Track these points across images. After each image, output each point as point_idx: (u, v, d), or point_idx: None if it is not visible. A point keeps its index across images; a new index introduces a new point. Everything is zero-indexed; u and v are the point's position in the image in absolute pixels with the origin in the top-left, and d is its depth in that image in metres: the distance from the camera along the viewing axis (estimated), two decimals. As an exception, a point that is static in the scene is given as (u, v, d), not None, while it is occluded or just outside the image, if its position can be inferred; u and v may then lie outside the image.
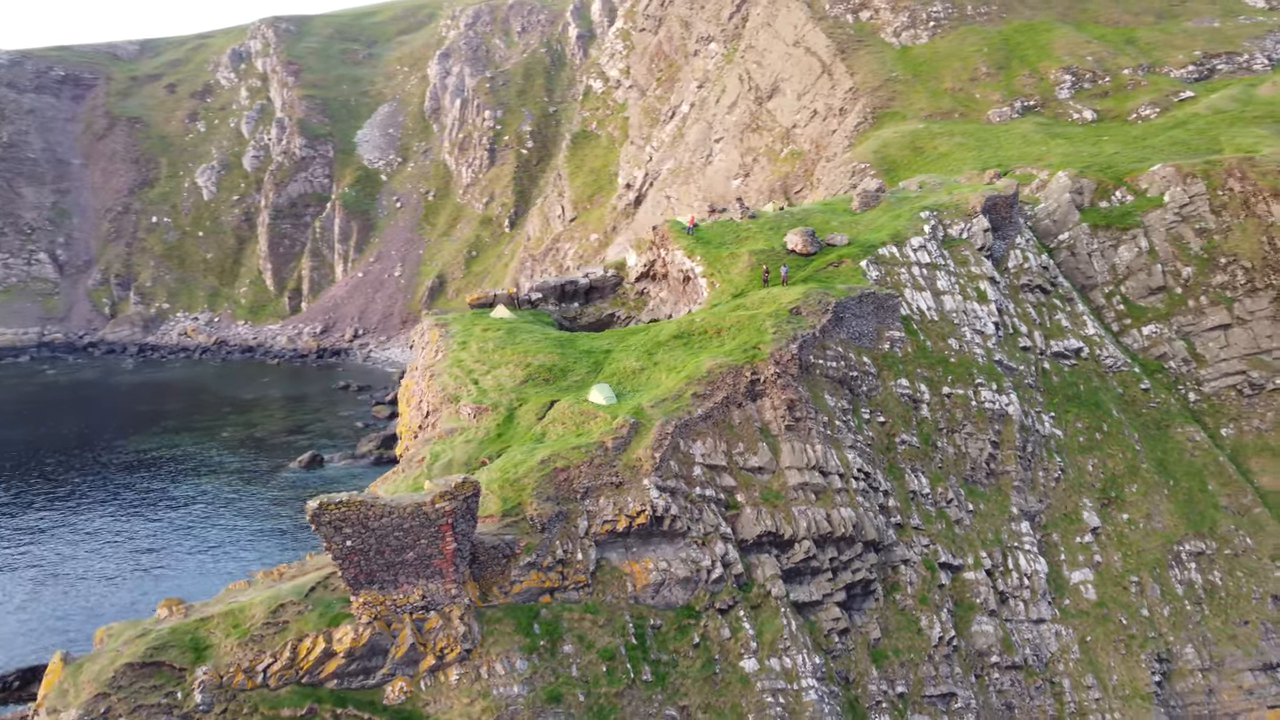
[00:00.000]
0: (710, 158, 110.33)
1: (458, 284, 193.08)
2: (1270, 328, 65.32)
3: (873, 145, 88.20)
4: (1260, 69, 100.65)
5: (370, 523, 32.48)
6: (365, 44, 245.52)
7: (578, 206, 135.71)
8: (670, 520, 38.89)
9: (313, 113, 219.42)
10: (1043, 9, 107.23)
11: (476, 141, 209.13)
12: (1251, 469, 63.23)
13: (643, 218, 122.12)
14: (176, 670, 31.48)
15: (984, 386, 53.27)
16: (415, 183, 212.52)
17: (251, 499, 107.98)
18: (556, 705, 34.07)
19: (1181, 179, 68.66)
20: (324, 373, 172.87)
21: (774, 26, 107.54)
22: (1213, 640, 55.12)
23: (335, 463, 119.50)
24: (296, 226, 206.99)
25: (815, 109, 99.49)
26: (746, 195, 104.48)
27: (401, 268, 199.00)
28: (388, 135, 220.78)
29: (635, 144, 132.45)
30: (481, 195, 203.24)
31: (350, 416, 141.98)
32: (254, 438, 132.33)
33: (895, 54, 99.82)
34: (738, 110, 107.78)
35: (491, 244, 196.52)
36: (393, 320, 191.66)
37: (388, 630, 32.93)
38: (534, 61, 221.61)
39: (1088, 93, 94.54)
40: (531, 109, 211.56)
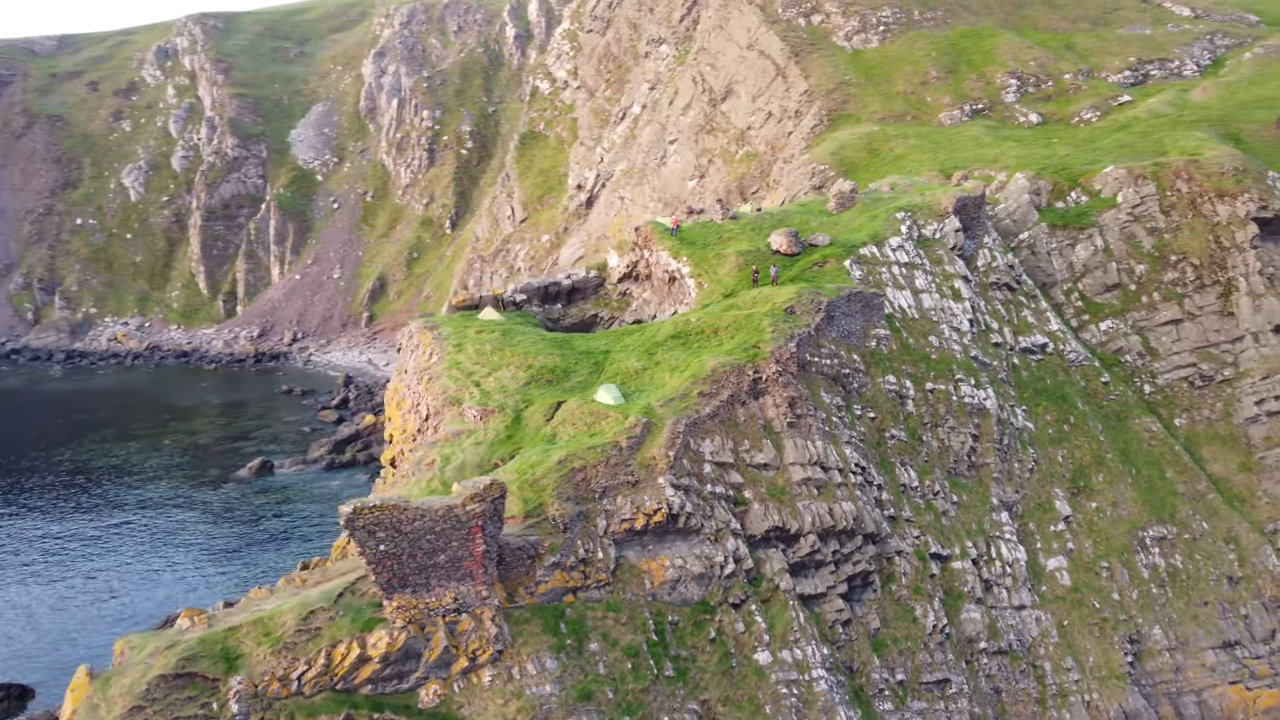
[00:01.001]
0: (665, 159, 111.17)
1: (399, 285, 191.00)
2: (1218, 322, 68.57)
3: (830, 147, 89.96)
4: (1190, 74, 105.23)
5: (403, 526, 32.42)
6: (297, 42, 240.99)
7: (528, 208, 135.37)
8: (685, 518, 39.50)
9: (244, 112, 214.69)
10: (985, 15, 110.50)
11: (415, 142, 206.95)
12: (1204, 457, 66.32)
13: (596, 219, 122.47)
14: (210, 681, 31.02)
15: (963, 382, 55.01)
16: (352, 183, 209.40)
17: (201, 508, 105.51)
18: (588, 703, 34.42)
19: (1133, 180, 71.64)
20: (264, 377, 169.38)
21: (727, 29, 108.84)
22: (1177, 621, 57.76)
23: (286, 469, 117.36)
24: (230, 228, 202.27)
25: (770, 111, 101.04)
26: (703, 196, 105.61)
27: (340, 270, 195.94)
28: (323, 135, 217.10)
29: (585, 145, 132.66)
30: (421, 196, 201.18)
31: (296, 421, 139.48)
32: (197, 445, 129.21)
33: (847, 57, 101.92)
34: (692, 112, 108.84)
35: (433, 245, 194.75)
36: (333, 323, 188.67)
37: (421, 634, 32.90)
38: (471, 61, 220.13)
39: (1032, 96, 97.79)
40: (470, 109, 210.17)
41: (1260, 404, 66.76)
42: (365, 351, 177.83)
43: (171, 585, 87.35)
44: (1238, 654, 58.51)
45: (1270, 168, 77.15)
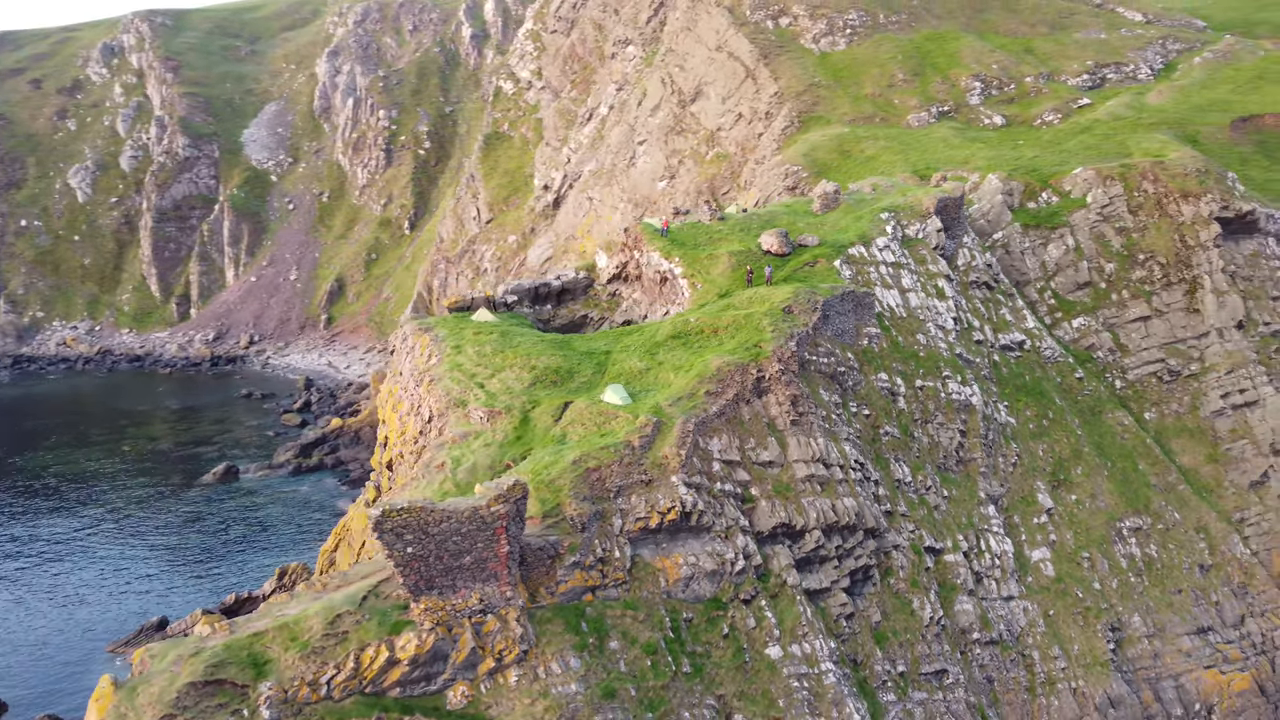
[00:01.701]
0: (634, 160, 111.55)
1: (358, 287, 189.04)
2: (1184, 319, 70.78)
3: (802, 148, 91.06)
4: (1144, 78, 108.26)
5: (430, 528, 32.44)
6: (247, 40, 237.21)
7: (493, 208, 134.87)
8: (698, 516, 39.97)
9: (195, 111, 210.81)
10: (948, 19, 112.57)
11: (371, 142, 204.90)
12: (1173, 449, 68.43)
13: (564, 219, 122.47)
14: (239, 687, 30.77)
15: (950, 379, 56.21)
16: (308, 184, 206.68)
17: (167, 515, 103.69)
18: (612, 701, 34.72)
19: (1101, 181, 73.63)
20: (221, 381, 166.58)
21: (695, 31, 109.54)
22: (1154, 608, 59.57)
23: (251, 474, 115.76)
24: (182, 229, 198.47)
25: (740, 112, 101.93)
26: (673, 197, 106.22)
27: (297, 271, 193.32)
28: (276, 135, 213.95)
29: (551, 146, 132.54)
30: (379, 196, 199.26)
31: (259, 426, 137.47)
32: (158, 451, 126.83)
33: (816, 60, 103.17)
34: (661, 113, 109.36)
35: (392, 246, 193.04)
36: (290, 325, 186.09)
37: (448, 635, 32.94)
38: (428, 61, 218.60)
39: (996, 99, 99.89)
40: (427, 109, 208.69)
41: (1225, 397, 69.05)
42: (325, 354, 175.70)
43: (143, 594, 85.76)
44: (1211, 639, 60.51)
45: (1228, 169, 79.83)
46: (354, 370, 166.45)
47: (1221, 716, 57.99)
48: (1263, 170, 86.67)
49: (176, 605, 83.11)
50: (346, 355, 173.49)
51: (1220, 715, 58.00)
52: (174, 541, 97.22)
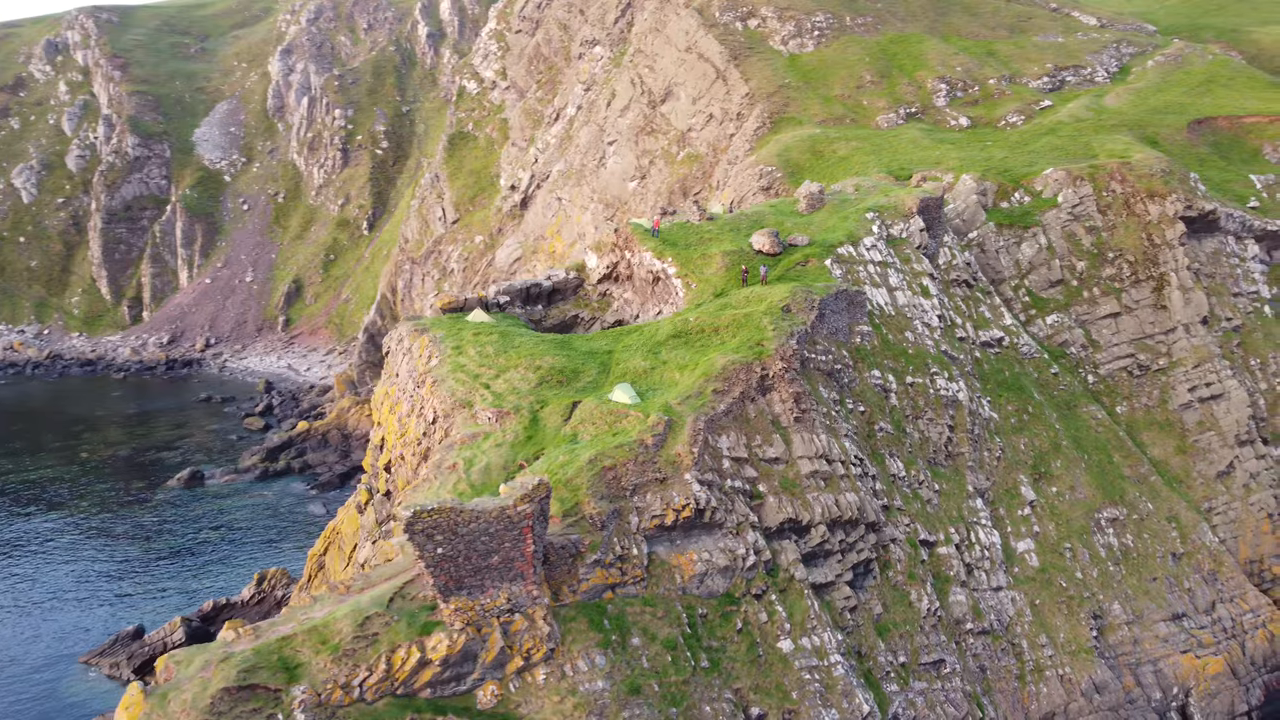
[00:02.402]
0: (604, 160, 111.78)
1: (316, 289, 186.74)
2: (1152, 315, 72.93)
3: (775, 149, 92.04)
4: (1101, 81, 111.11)
5: (459, 529, 32.54)
6: (197, 38, 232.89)
7: (459, 209, 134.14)
8: (711, 512, 40.48)
9: (144, 110, 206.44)
10: (911, 21, 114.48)
11: (328, 141, 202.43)
12: (1144, 441, 70.50)
13: (532, 219, 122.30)
14: (272, 691, 30.61)
15: (938, 375, 57.41)
16: (262, 184, 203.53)
17: (132, 522, 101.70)
18: (637, 697, 35.08)
19: (1072, 181, 75.58)
20: (178, 385, 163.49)
21: (664, 32, 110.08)
22: (1132, 596, 61.39)
23: (217, 479, 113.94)
24: (133, 231, 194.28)
25: (711, 113, 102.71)
26: (644, 197, 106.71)
27: (253, 273, 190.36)
28: (229, 134, 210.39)
29: (517, 146, 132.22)
30: (336, 196, 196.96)
31: (221, 430, 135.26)
32: (118, 457, 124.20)
33: (785, 61, 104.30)
34: (631, 113, 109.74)
35: (350, 247, 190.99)
36: (247, 328, 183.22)
37: (478, 635, 33.06)
38: (384, 60, 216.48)
39: (961, 101, 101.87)
40: (384, 108, 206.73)
41: (1192, 391, 71.31)
42: (284, 356, 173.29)
43: (113, 603, 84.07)
44: (1185, 625, 62.52)
45: (1188, 169, 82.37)
46: (314, 373, 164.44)
47: (1198, 699, 59.97)
48: (1219, 171, 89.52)
49: (150, 613, 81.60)
50: (306, 357, 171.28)
51: (1196, 697, 59.97)
52: (141, 549, 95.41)
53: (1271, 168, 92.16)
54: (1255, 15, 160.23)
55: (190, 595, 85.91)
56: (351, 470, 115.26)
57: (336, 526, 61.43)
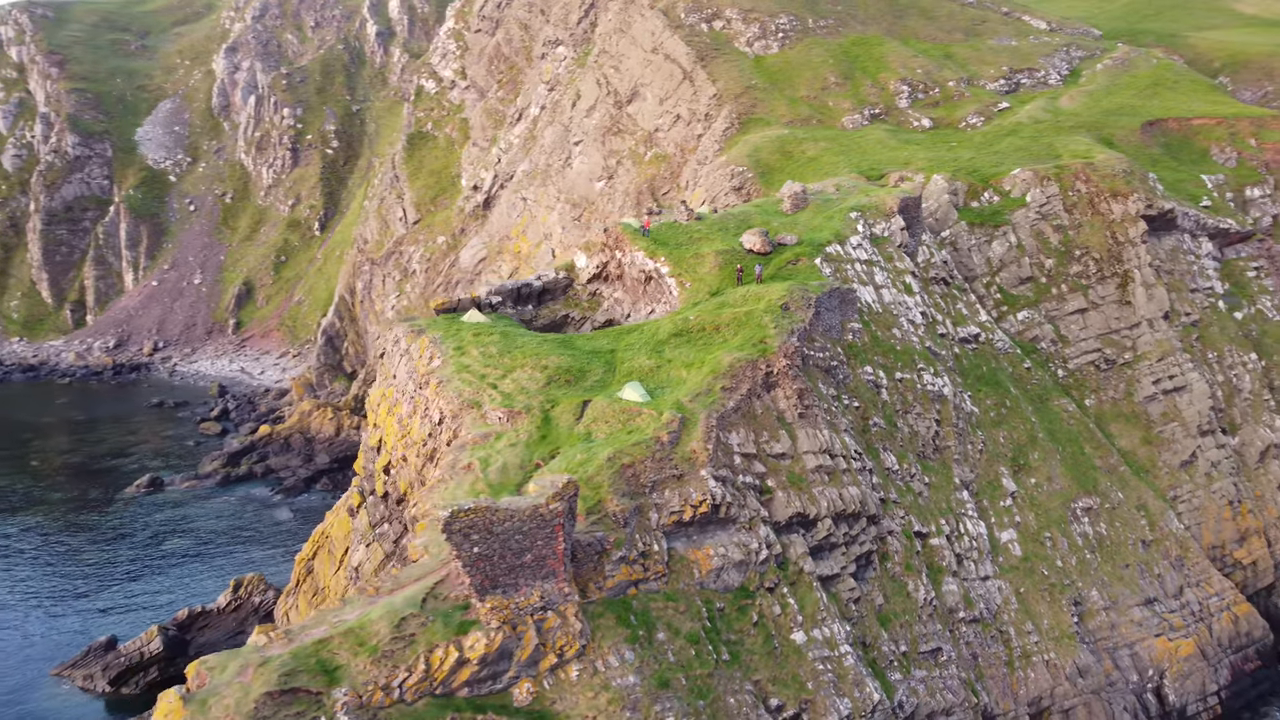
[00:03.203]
0: (570, 160, 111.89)
1: (267, 291, 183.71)
2: (1118, 310, 75.34)
3: (745, 150, 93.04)
4: (1054, 83, 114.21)
5: (494, 528, 32.74)
6: (137, 35, 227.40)
7: (420, 209, 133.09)
8: (726, 508, 41.11)
9: (84, 108, 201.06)
10: (871, 24, 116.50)
11: (276, 141, 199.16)
12: (1112, 433, 72.82)
13: (497, 220, 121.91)
14: (313, 694, 30.49)
15: (924, 371, 58.77)
16: (209, 184, 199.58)
17: (93, 531, 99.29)
18: (667, 690, 35.56)
19: (1038, 181, 77.74)
20: (127, 390, 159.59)
21: (629, 33, 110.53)
22: (1108, 583, 63.43)
23: (177, 485, 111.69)
24: (74, 232, 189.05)
25: (679, 114, 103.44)
26: (612, 197, 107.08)
27: (201, 275, 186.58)
28: (173, 133, 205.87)
29: (479, 146, 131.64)
30: (286, 197, 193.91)
31: (177, 435, 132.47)
32: (71, 465, 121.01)
33: (751, 63, 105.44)
34: (597, 114, 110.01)
35: (302, 248, 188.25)
36: (196, 331, 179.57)
37: (514, 633, 33.26)
38: (332, 58, 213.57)
39: (922, 103, 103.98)
40: (334, 108, 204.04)
41: (1156, 383, 73.83)
42: (236, 360, 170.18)
43: (80, 613, 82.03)
44: (1157, 609, 64.78)
45: (1146, 170, 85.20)
46: (269, 376, 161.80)
47: (1171, 680, 62.21)
48: (1171, 171, 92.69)
49: (120, 623, 79.83)
50: (259, 360, 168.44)
51: (1170, 679, 62.21)
52: (105, 557, 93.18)
53: (1220, 168, 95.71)
54: (1190, 20, 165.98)
55: (160, 604, 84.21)
56: (316, 474, 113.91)
57: (326, 530, 60.84)
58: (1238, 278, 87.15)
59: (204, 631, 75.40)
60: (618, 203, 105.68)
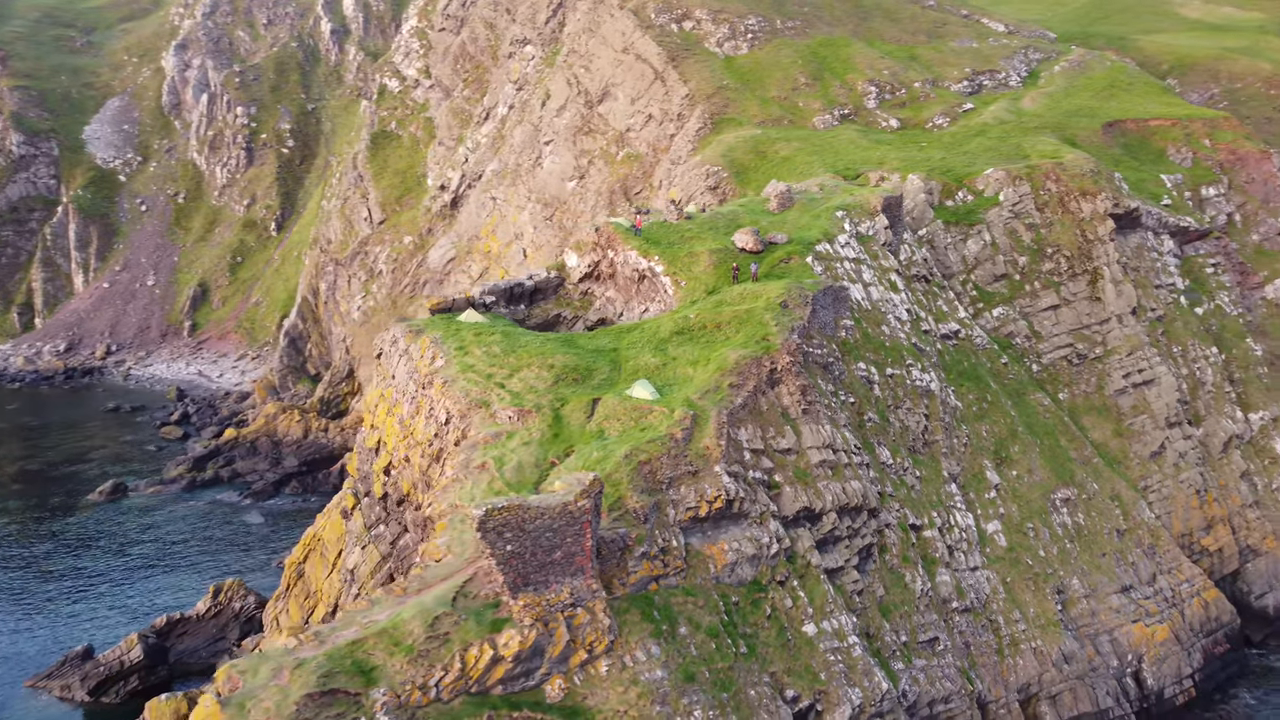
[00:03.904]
0: (540, 160, 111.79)
1: (223, 292, 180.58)
2: (1088, 306, 77.39)
3: (719, 149, 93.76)
4: (1015, 85, 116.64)
5: (526, 525, 32.95)
6: (83, 31, 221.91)
7: (386, 209, 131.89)
8: (739, 503, 41.69)
9: (28, 106, 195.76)
10: (837, 25, 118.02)
11: (230, 140, 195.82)
12: (1085, 425, 74.77)
13: (466, 219, 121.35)
14: (351, 695, 30.44)
15: (913, 367, 59.93)
16: (161, 184, 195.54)
17: (58, 539, 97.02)
18: (692, 684, 36.03)
19: (1011, 181, 79.53)
20: (80, 395, 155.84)
21: (599, 33, 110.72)
22: (1087, 571, 65.19)
23: (142, 491, 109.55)
24: (20, 234, 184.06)
25: (650, 114, 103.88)
26: (584, 197, 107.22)
27: (155, 276, 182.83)
28: (122, 132, 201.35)
29: (445, 145, 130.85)
30: (242, 197, 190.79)
31: (136, 440, 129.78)
32: (28, 471, 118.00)
33: (721, 63, 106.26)
34: (568, 113, 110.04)
35: (258, 248, 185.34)
36: (151, 334, 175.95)
37: (545, 630, 33.47)
38: (286, 56, 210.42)
39: (890, 103, 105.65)
40: (289, 106, 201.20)
41: (1126, 377, 75.99)
42: (193, 363, 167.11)
43: (51, 623, 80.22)
44: (1133, 596, 66.71)
45: (1110, 169, 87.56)
46: (228, 379, 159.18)
47: (1149, 664, 64.13)
48: (1132, 170, 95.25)
49: (93, 632, 78.25)
50: (217, 363, 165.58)
51: (1148, 663, 64.13)
52: (71, 566, 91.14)
53: (1177, 168, 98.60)
54: (1138, 24, 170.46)
55: (132, 611, 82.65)
56: (285, 477, 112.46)
57: (317, 533, 60.28)
58: (1197, 274, 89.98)
59: (183, 639, 74.22)
60: (590, 202, 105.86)
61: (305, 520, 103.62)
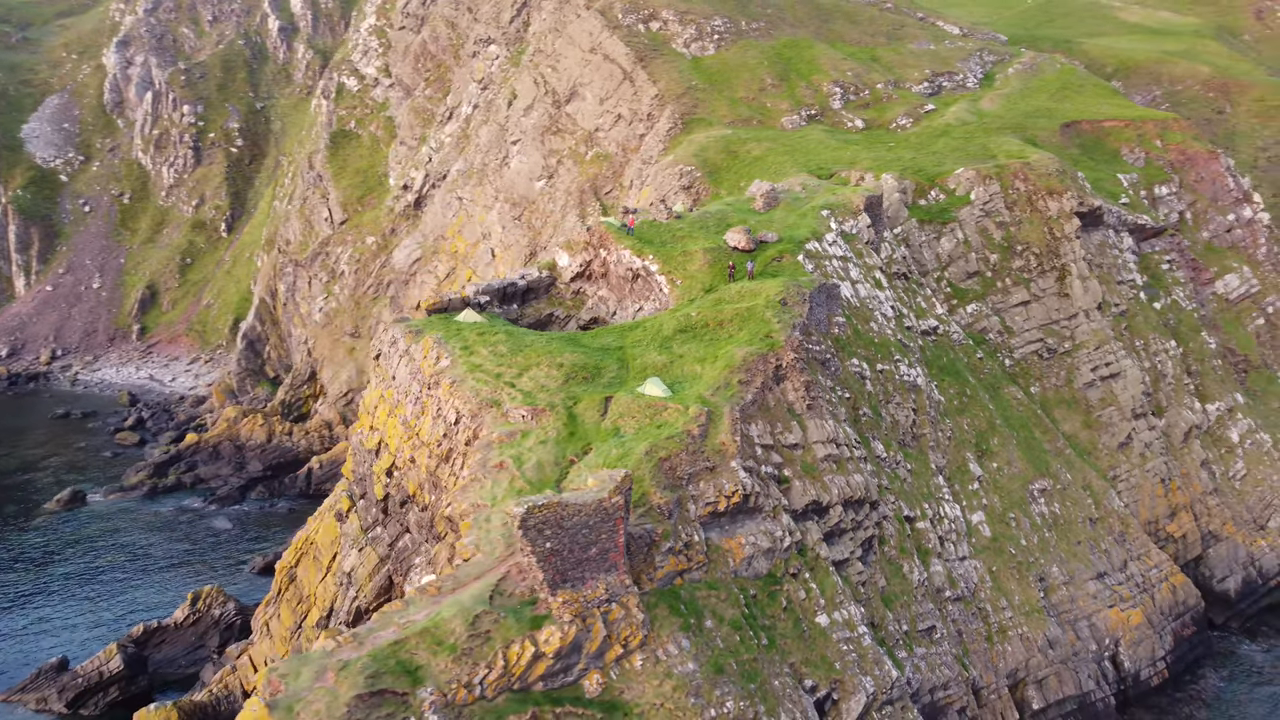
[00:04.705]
0: (508, 159, 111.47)
1: (173, 294, 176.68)
2: (1057, 302, 79.63)
3: (691, 149, 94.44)
4: (972, 87, 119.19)
5: (565, 522, 33.23)
6: (17, 26, 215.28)
7: (347, 209, 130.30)
8: (755, 497, 42.36)
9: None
10: (800, 27, 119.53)
11: (177, 139, 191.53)
12: (1056, 418, 76.93)
13: (432, 219, 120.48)
14: (399, 695, 30.46)
15: (900, 362, 61.23)
16: (104, 184, 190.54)
17: (16, 550, 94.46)
18: (721, 675, 36.61)
19: (981, 180, 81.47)
20: (26, 401, 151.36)
21: (565, 33, 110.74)
22: (1065, 559, 67.19)
23: (101, 498, 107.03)
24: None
25: (620, 114, 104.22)
26: (554, 196, 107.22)
27: (101, 279, 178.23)
28: (63, 131, 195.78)
29: (407, 145, 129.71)
30: (190, 197, 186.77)
31: (90, 447, 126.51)
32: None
33: (689, 64, 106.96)
34: (535, 113, 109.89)
35: (208, 250, 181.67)
36: (98, 338, 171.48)
37: (584, 626, 33.76)
38: (233, 54, 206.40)
39: (854, 104, 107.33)
40: (237, 104, 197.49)
41: (1094, 370, 78.35)
42: (143, 367, 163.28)
43: (18, 636, 78.07)
44: (1108, 582, 68.91)
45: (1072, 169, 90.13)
46: (181, 383, 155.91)
47: (1125, 647, 66.35)
48: (1089, 170, 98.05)
49: (65, 644, 76.37)
50: (169, 367, 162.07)
51: (1124, 646, 66.34)
52: (33, 577, 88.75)
53: (1131, 168, 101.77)
54: (1081, 28, 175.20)
55: (103, 621, 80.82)
56: (250, 482, 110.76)
57: (309, 537, 59.67)
58: (1154, 270, 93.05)
59: (161, 647, 72.88)
60: (560, 202, 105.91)
61: (274, 525, 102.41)
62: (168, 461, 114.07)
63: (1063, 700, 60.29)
